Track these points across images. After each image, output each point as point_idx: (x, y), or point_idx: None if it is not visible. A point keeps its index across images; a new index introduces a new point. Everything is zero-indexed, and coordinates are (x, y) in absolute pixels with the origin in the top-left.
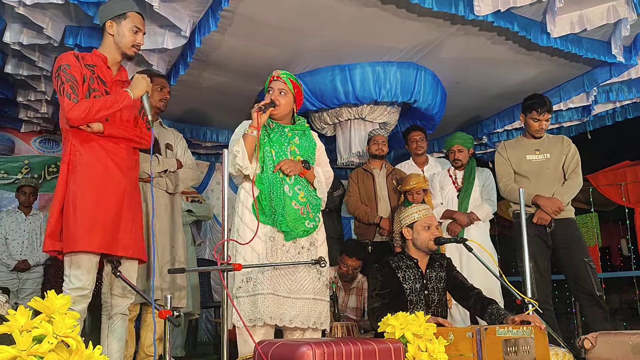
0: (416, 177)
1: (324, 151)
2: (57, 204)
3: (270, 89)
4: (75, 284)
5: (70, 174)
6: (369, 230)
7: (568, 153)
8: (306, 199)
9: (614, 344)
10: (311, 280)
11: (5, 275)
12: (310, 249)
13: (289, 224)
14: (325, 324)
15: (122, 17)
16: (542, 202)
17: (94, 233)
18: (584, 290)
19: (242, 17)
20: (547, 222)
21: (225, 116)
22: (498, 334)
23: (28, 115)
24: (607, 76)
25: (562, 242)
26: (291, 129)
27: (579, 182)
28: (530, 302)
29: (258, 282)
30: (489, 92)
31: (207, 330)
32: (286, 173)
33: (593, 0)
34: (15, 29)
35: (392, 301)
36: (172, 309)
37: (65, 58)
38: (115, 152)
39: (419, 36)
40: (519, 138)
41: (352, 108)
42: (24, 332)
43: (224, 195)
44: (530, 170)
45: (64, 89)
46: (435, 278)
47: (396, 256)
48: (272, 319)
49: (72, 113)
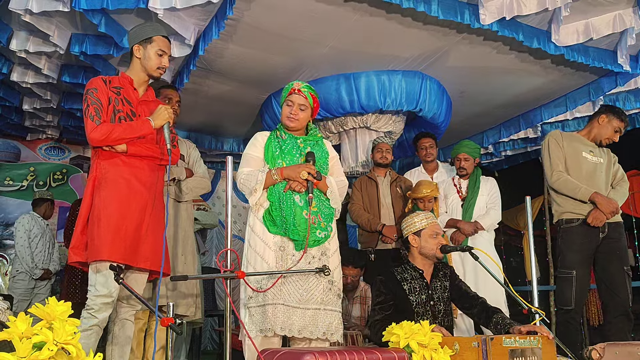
0: (429, 185)
1: (337, 160)
2: (82, 217)
3: (290, 102)
4: (100, 292)
5: (96, 190)
6: (372, 238)
7: (615, 164)
8: (318, 208)
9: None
10: (322, 290)
11: (25, 284)
12: (322, 259)
13: (300, 233)
14: (336, 335)
15: (148, 42)
16: (600, 200)
17: (117, 244)
18: (615, 299)
19: (247, 25)
20: (602, 223)
21: (230, 124)
22: (504, 344)
23: (34, 123)
24: (613, 85)
25: (607, 247)
26: (304, 140)
27: (627, 192)
28: (537, 311)
29: (268, 292)
30: (495, 101)
31: (211, 339)
32: (297, 190)
33: (599, 9)
34: (22, 37)
35: (395, 313)
36: (174, 317)
37: (95, 82)
38: (139, 168)
39: (424, 45)
40: (573, 133)
41: (357, 117)
42: (24, 338)
43: (228, 203)
44: (586, 168)
45: (89, 111)
46: (440, 288)
47: (400, 267)
48: (282, 329)
49: (93, 134)
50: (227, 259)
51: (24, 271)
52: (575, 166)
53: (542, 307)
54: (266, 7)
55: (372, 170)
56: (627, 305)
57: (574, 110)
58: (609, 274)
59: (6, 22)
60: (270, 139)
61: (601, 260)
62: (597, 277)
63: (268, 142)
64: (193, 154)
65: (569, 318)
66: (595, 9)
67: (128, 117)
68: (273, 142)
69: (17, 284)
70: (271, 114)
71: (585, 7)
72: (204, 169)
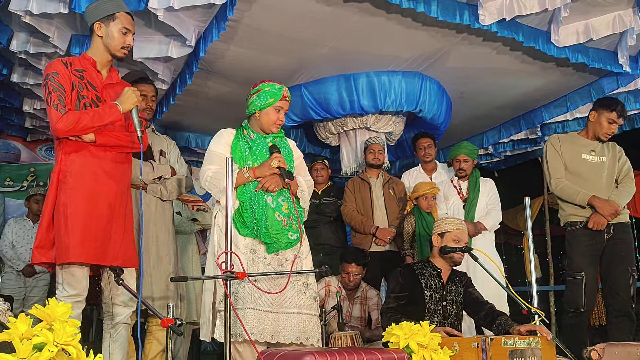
0: (428, 183)
1: (302, 160)
2: (46, 214)
3: (279, 108)
4: (69, 292)
5: (61, 184)
6: (366, 240)
7: (621, 158)
8: (289, 210)
9: (621, 355)
10: (295, 294)
11: (13, 283)
12: (296, 261)
13: (271, 236)
14: (312, 338)
15: (110, 18)
16: (598, 204)
17: (86, 244)
18: (617, 299)
19: (247, 26)
20: (604, 226)
21: (229, 125)
22: (504, 344)
23: (34, 123)
24: (614, 86)
25: (613, 248)
26: (272, 139)
27: (633, 187)
28: (536, 312)
29: (238, 297)
30: (495, 101)
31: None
32: (270, 190)
33: (599, 9)
34: (22, 38)
35: (408, 304)
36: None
37: (54, 66)
38: (106, 160)
39: (424, 46)
40: (574, 134)
41: (357, 118)
42: (24, 340)
43: (228, 204)
44: (586, 170)
45: (51, 99)
46: (455, 292)
47: (420, 262)
48: (252, 334)
49: (59, 125)
50: (227, 260)
51: (9, 270)
52: (576, 169)
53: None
54: (266, 8)
55: (364, 172)
56: (629, 306)
57: (574, 111)
58: (612, 274)
59: (6, 23)
60: (237, 138)
61: (606, 261)
62: (601, 277)
63: (235, 141)
64: (174, 151)
65: (579, 321)
66: (595, 9)
67: (94, 102)
68: (241, 142)
69: (5, 283)
70: None
71: (585, 7)
72: (186, 167)
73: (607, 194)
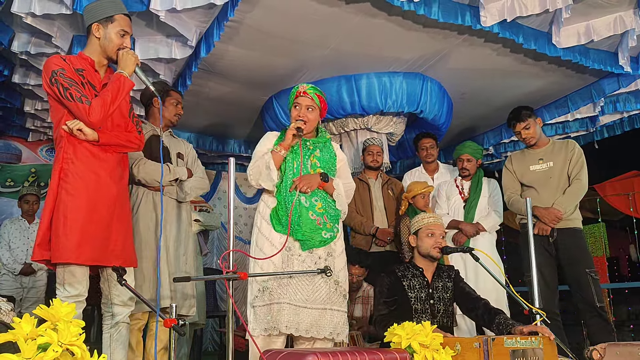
0: (422, 183)
1: (345, 163)
2: (47, 212)
3: (297, 104)
4: (71, 292)
5: (62, 182)
6: (366, 241)
7: (572, 157)
8: (324, 209)
9: (623, 354)
10: (327, 291)
11: (10, 283)
12: (328, 260)
13: (304, 233)
14: (342, 335)
15: (109, 20)
16: (539, 213)
17: (84, 245)
18: (584, 301)
19: (248, 27)
20: (548, 232)
21: (231, 126)
22: (506, 344)
23: (35, 124)
24: (615, 87)
25: (565, 252)
26: (313, 142)
27: (580, 187)
28: (538, 312)
29: (274, 292)
30: (496, 102)
31: (213, 339)
32: (303, 191)
33: (599, 11)
34: (23, 39)
35: (398, 309)
36: (177, 318)
37: (56, 62)
38: (106, 160)
39: (425, 47)
40: (525, 149)
41: (358, 118)
42: (29, 340)
43: (230, 204)
44: (535, 180)
45: (72, 94)
46: (441, 288)
47: (402, 265)
48: (288, 327)
49: (93, 116)
50: (229, 260)
51: (6, 272)
52: (528, 182)
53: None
54: (268, 9)
55: (363, 173)
56: (595, 305)
57: (575, 112)
58: (573, 278)
59: (7, 24)
60: (280, 139)
61: (564, 267)
62: (567, 284)
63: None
64: (191, 154)
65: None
66: (596, 10)
67: None
68: None
69: (3, 284)
70: (272, 115)
71: (585, 9)
72: (202, 169)
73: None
